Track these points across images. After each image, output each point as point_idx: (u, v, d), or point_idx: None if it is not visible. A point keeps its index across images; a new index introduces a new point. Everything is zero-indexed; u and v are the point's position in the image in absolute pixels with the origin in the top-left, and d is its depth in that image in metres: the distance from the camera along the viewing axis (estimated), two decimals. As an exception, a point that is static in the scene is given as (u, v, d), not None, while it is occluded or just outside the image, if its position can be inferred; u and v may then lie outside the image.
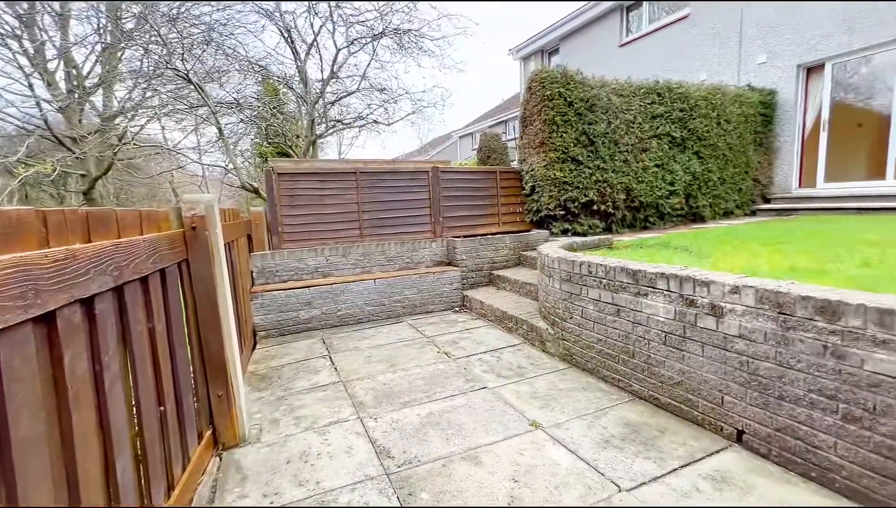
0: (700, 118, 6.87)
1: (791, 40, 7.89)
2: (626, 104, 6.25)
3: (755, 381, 2.20)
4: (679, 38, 9.94)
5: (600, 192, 6.09)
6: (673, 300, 2.60)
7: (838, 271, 2.60)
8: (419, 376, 3.47)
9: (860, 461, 1.83)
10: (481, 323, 4.87)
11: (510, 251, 5.93)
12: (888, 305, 1.72)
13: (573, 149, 5.83)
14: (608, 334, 3.12)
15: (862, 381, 1.80)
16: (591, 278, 3.23)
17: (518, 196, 6.57)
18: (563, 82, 5.73)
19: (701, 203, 7.09)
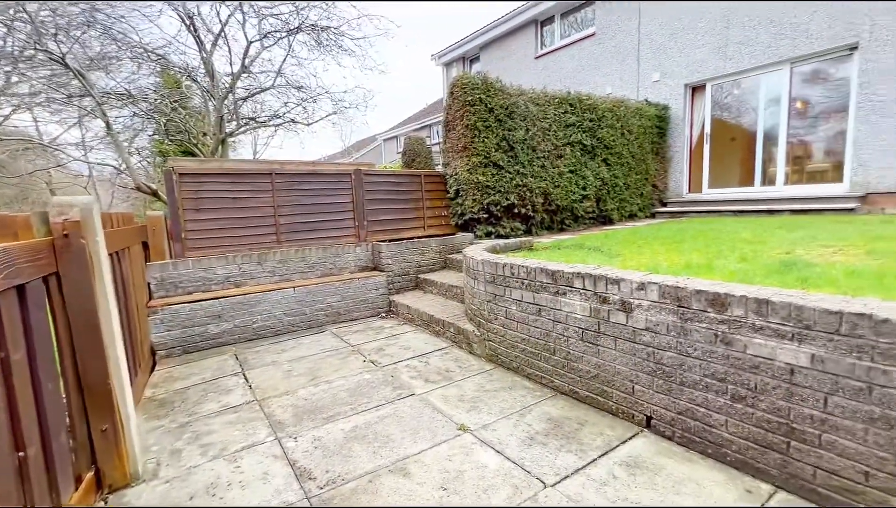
0: (607, 128, 7.46)
1: (679, 62, 8.89)
2: (543, 113, 6.58)
3: (660, 370, 2.39)
4: (588, 54, 10.74)
5: (521, 196, 6.33)
6: (588, 298, 2.74)
7: (723, 266, 2.93)
8: (344, 388, 3.30)
9: (746, 435, 2.06)
10: (409, 328, 4.80)
11: (436, 254, 5.94)
12: (764, 295, 1.95)
13: (494, 154, 6.00)
14: (531, 333, 3.22)
15: (745, 364, 2.02)
16: (513, 280, 3.32)
17: (443, 200, 6.62)
18: (484, 89, 5.88)
19: (609, 206, 7.68)
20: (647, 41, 9.40)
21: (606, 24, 10.24)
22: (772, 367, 1.93)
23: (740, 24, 7.90)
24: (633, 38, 9.66)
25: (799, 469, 1.89)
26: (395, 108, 66.71)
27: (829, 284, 2.32)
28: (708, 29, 8.36)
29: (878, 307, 1.68)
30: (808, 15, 7.07)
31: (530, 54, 12.30)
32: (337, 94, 11.26)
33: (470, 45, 13.95)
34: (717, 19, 8.20)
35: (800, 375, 1.85)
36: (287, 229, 5.31)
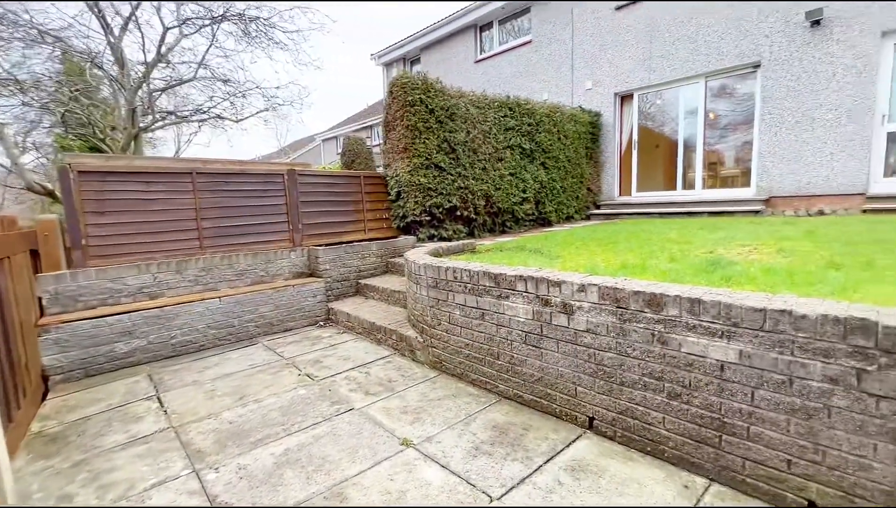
0: (544, 133, 7.66)
1: (608, 72, 9.38)
2: (483, 116, 6.61)
3: (601, 371, 2.40)
4: (525, 61, 11.03)
5: (463, 198, 6.30)
6: (531, 301, 2.72)
7: (655, 266, 3.05)
8: (275, 406, 3.03)
9: (681, 431, 2.11)
10: (348, 337, 4.56)
11: (378, 259, 5.74)
12: (696, 295, 2.01)
13: (436, 155, 5.92)
14: (474, 337, 3.15)
15: (680, 362, 2.08)
16: (456, 284, 3.23)
17: (384, 202, 6.42)
18: (424, 89, 5.78)
19: (548, 209, 7.90)
20: (580, 51, 9.83)
21: (542, 32, 10.59)
22: (704, 364, 1.99)
23: (662, 40, 8.48)
24: (567, 48, 10.07)
25: (730, 461, 1.97)
26: (335, 108, 64.90)
27: (749, 281, 2.47)
28: (634, 42, 8.89)
29: (796, 304, 1.78)
30: (720, 35, 7.74)
31: (470, 58, 12.43)
32: (269, 89, 10.61)
33: (411, 46, 13.84)
34: (642, 34, 8.75)
35: (729, 370, 1.92)
36: (212, 234, 4.86)
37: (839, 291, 2.15)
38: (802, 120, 6.98)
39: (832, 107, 6.70)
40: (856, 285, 2.21)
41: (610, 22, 9.24)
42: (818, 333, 1.67)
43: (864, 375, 1.59)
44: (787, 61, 7.05)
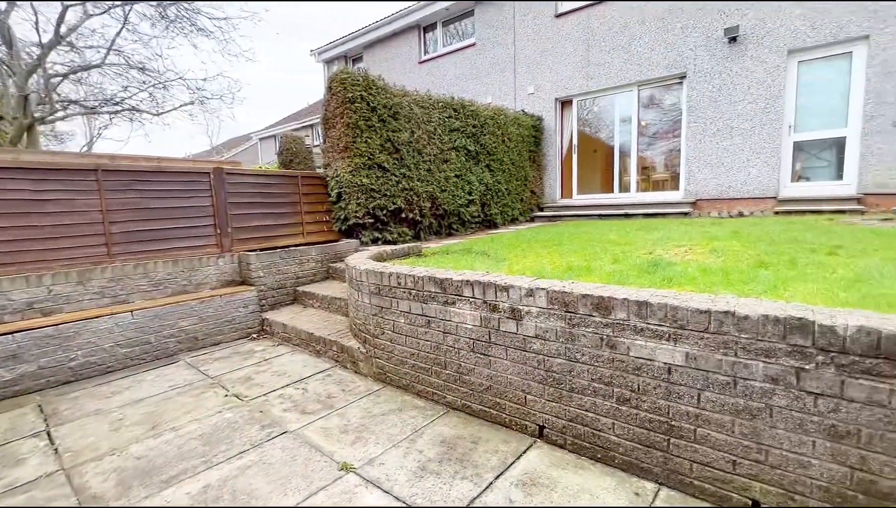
0: (489, 135, 7.67)
1: (549, 77, 9.62)
2: (427, 116, 6.47)
3: (551, 377, 2.33)
4: (469, 64, 11.06)
5: (408, 200, 6.12)
6: (478, 307, 2.60)
7: (600, 268, 3.05)
8: (195, 434, 2.67)
9: (631, 436, 2.08)
10: (285, 350, 4.22)
11: (317, 264, 5.40)
12: (643, 297, 1.98)
13: (379, 155, 5.69)
14: (420, 346, 2.98)
15: (629, 366, 2.04)
16: (400, 290, 3.05)
17: (324, 204, 6.08)
18: (365, 86, 5.54)
19: (494, 211, 7.92)
20: (522, 56, 10.01)
21: (485, 36, 10.67)
22: (652, 367, 1.96)
23: (598, 48, 8.82)
24: (510, 52, 10.21)
25: (678, 464, 1.95)
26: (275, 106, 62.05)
27: (689, 282, 2.51)
28: (573, 50, 9.19)
29: (738, 304, 1.79)
30: (650, 46, 8.18)
31: (414, 58, 12.27)
32: (194, 81, 9.77)
33: (353, 43, 13.43)
34: (580, 42, 9.06)
35: (676, 373, 1.90)
36: (123, 240, 4.30)
37: (771, 289, 2.22)
38: (723, 129, 7.53)
39: (748, 117, 7.29)
40: (784, 282, 2.30)
41: (550, 29, 9.49)
42: (760, 333, 1.68)
43: (803, 373, 1.61)
44: (710, 74, 7.58)
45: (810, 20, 6.67)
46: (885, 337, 1.46)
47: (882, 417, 1.49)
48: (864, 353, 1.49)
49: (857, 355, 1.51)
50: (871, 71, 6.33)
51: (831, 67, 6.74)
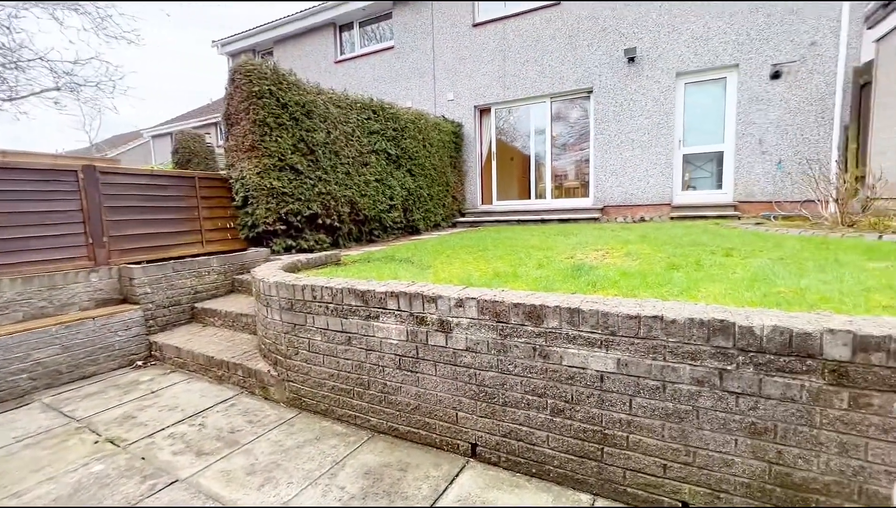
0: (410, 139, 7.52)
1: (468, 85, 9.76)
2: (345, 116, 6.13)
3: (483, 392, 2.20)
4: (388, 67, 10.84)
5: (325, 205, 5.72)
6: (404, 320, 2.39)
7: (526, 274, 3.01)
8: (49, 498, 2.11)
9: (566, 448, 2.01)
10: (178, 378, 3.62)
11: (220, 276, 4.79)
12: (575, 304, 1.92)
13: (291, 156, 5.24)
14: (341, 366, 2.70)
15: (562, 375, 1.97)
16: (316, 304, 2.73)
17: (228, 208, 5.45)
18: (275, 80, 5.07)
19: (416, 216, 7.77)
20: (441, 62, 10.04)
21: (404, 40, 10.54)
22: (585, 376, 1.92)
23: (514, 60, 9.14)
24: (429, 58, 10.19)
25: (612, 473, 1.91)
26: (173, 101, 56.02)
27: (612, 285, 2.54)
28: (490, 59, 9.41)
29: (665, 308, 1.79)
30: (560, 61, 8.65)
31: (330, 57, 11.75)
32: (61, 63, 8.28)
33: (262, 36, 12.49)
34: (496, 52, 9.31)
35: (609, 381, 1.87)
36: (-50, 253, 3.39)
37: (686, 290, 2.31)
38: (625, 141, 8.18)
39: (645, 131, 7.99)
40: (696, 284, 2.42)
41: (468, 37, 9.63)
42: (686, 336, 1.69)
43: (725, 374, 1.65)
44: (613, 90, 8.20)
45: (693, 47, 7.50)
46: (795, 335, 1.52)
47: (794, 412, 1.56)
48: (778, 351, 1.55)
49: (772, 353, 1.56)
50: (741, 95, 7.28)
51: (710, 90, 7.65)
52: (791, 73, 6.88)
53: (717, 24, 7.30)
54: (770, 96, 7.05)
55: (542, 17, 8.77)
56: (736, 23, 7.17)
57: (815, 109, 6.80)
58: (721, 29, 7.28)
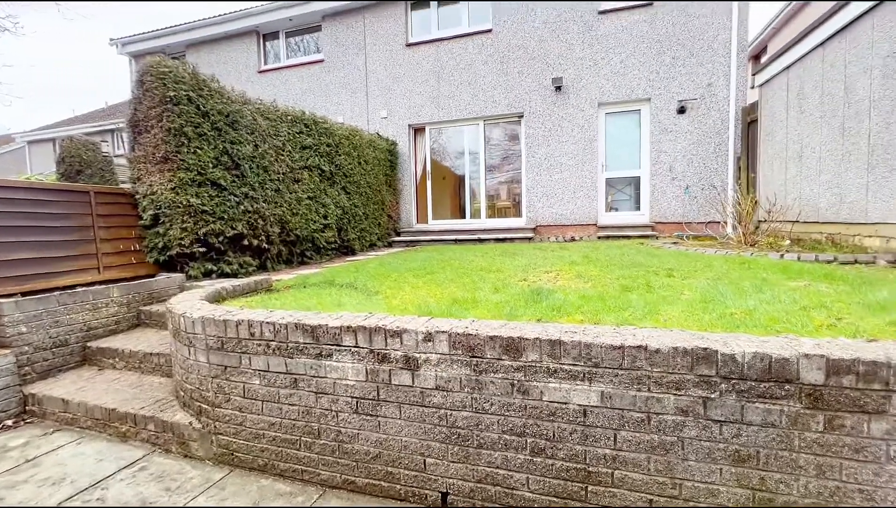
0: (345, 155, 7.20)
1: (403, 104, 9.68)
2: (275, 129, 5.68)
3: (455, 434, 2.00)
4: (318, 80, 10.42)
5: (252, 224, 5.19)
6: (363, 358, 2.13)
7: (486, 299, 2.90)
8: None
9: (547, 490, 1.88)
10: (66, 438, 2.94)
11: (122, 308, 4.07)
12: (556, 336, 1.82)
13: (213, 171, 4.69)
14: (284, 413, 2.34)
15: (543, 412, 1.85)
16: (254, 343, 2.36)
17: (133, 228, 4.70)
18: (195, 86, 4.54)
19: (351, 236, 7.40)
20: (375, 79, 9.88)
21: (335, 54, 10.22)
22: (567, 411, 1.81)
23: (448, 81, 9.26)
24: (362, 74, 9.98)
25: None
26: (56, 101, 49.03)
27: (576, 310, 2.51)
28: (424, 79, 9.44)
29: (646, 337, 1.76)
30: (492, 85, 8.93)
31: (252, 66, 11.02)
32: None
33: (173, 38, 11.39)
34: (431, 73, 9.38)
35: (592, 415, 1.78)
36: None
37: (648, 314, 2.34)
38: (555, 164, 8.60)
39: (572, 155, 8.47)
40: (655, 306, 2.46)
41: (402, 56, 9.60)
42: (670, 366, 1.66)
43: (709, 402, 1.63)
44: (542, 115, 8.61)
45: (612, 80, 8.16)
46: (774, 361, 1.55)
47: (775, 437, 1.58)
48: (759, 378, 1.57)
49: (753, 380, 1.58)
50: (653, 126, 8.03)
51: (628, 120, 8.35)
52: (694, 108, 7.74)
53: (631, 61, 8.02)
54: (677, 128, 7.85)
55: (474, 43, 9.01)
56: (647, 61, 7.93)
57: (713, 141, 7.69)
58: (635, 66, 8.01)
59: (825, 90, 5.02)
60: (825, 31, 4.98)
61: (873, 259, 3.93)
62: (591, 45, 8.22)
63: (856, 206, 4.49)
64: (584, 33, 8.26)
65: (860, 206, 4.42)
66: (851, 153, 4.55)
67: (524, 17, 8.64)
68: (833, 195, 4.88)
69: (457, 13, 9.37)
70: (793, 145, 5.79)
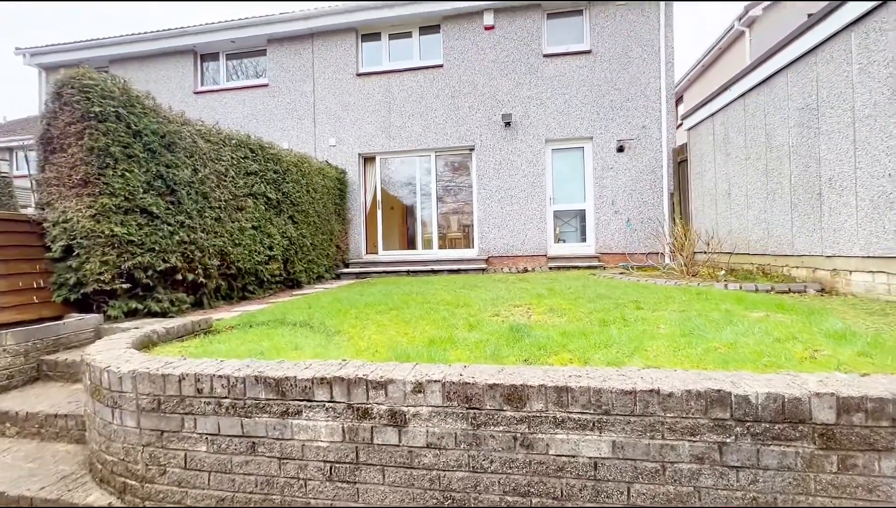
0: (293, 183, 6.81)
1: (353, 133, 9.50)
2: (217, 153, 5.23)
3: (449, 499, 1.76)
4: (262, 105, 9.97)
5: (187, 256, 4.64)
6: (339, 415, 1.84)
7: (463, 338, 2.72)
8: None
9: (556, 557, 1.68)
10: (-72, 536, 2.26)
11: (18, 359, 3.36)
12: (562, 382, 1.68)
13: (144, 196, 4.16)
14: (238, 486, 1.95)
15: (549, 468, 1.67)
16: (202, 401, 1.97)
17: (38, 261, 3.99)
18: (125, 102, 4.05)
19: (298, 268, 6.92)
20: (323, 106, 9.64)
21: (281, 79, 9.89)
22: (577, 465, 1.65)
23: (399, 112, 9.25)
24: (309, 100, 9.70)
25: (611, 579, 1.64)
26: (-65, 115, 42.61)
27: (561, 348, 2.40)
28: (375, 109, 9.37)
29: (656, 380, 1.67)
30: (444, 118, 9.05)
31: (188, 87, 10.34)
32: None
33: (94, 52, 10.42)
34: (382, 103, 9.33)
35: (604, 468, 1.64)
36: None
37: (636, 351, 2.29)
38: (505, 196, 8.77)
39: (522, 188, 8.70)
40: (639, 342, 2.42)
41: (352, 85, 9.49)
42: (684, 410, 1.58)
43: (725, 448, 1.56)
44: (493, 149, 8.83)
45: (558, 119, 8.60)
46: (787, 401, 1.51)
47: (792, 481, 1.52)
48: (773, 419, 1.52)
49: (767, 422, 1.53)
50: (596, 163, 8.51)
51: (573, 157, 8.78)
52: (631, 148, 8.32)
53: (574, 102, 8.53)
54: (618, 165, 8.38)
55: (426, 77, 9.14)
56: (589, 103, 8.48)
57: (650, 178, 8.28)
58: (578, 107, 8.52)
59: (748, 136, 5.59)
60: (745, 84, 5.59)
61: (804, 288, 4.29)
62: (537, 85, 8.65)
63: (782, 239, 4.94)
64: (531, 74, 8.69)
65: (786, 239, 4.86)
66: (776, 192, 5.04)
67: (475, 55, 8.95)
68: (761, 230, 5.35)
69: (408, 46, 9.51)
70: (721, 184, 6.35)
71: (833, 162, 4.13)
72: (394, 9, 9.01)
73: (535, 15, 8.73)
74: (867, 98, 3.71)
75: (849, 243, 3.94)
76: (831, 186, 4.16)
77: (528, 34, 8.74)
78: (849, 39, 3.90)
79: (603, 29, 8.46)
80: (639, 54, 8.30)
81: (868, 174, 3.71)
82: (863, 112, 3.75)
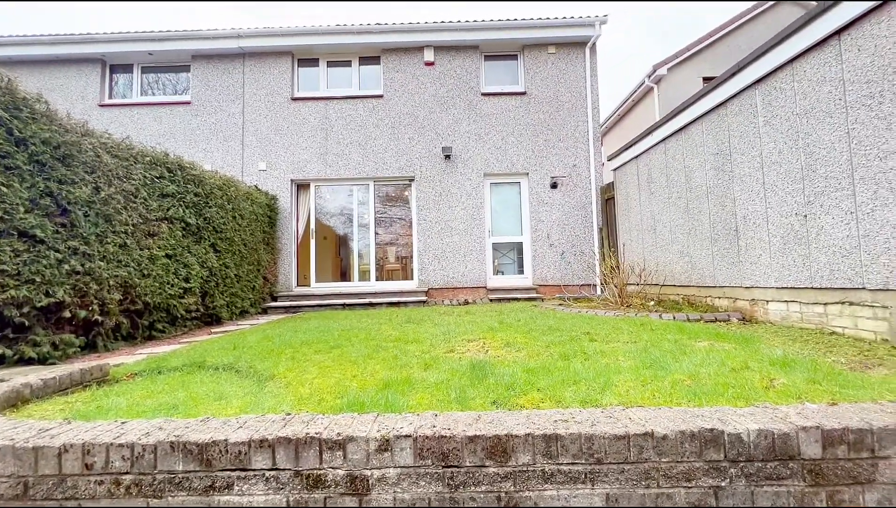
0: (216, 208, 6.17)
1: (285, 158, 9.00)
2: (126, 170, 4.57)
3: (421, 581, 1.46)
4: (182, 123, 9.13)
5: (79, 289, 3.88)
6: (284, 485, 1.49)
7: (422, 379, 2.46)
8: None
9: None
10: None
11: None
12: (550, 430, 1.50)
13: (25, 217, 3.43)
14: (138, 592, 1.48)
15: (538, 532, 1.46)
16: (93, 481, 1.50)
17: None
18: (9, 104, 3.38)
19: (219, 302, 6.18)
20: (253, 128, 9.07)
21: (205, 98, 9.19)
22: (568, 526, 1.45)
23: (337, 140, 8.97)
24: (238, 122, 9.08)
25: None
26: None
27: (530, 387, 2.24)
28: (311, 134, 9.00)
29: (647, 421, 1.55)
30: (384, 148, 8.92)
31: (92, 98, 9.21)
32: None
33: (-29, 53, 8.96)
34: (318, 129, 9.00)
35: (598, 527, 1.46)
36: None
37: (606, 387, 2.19)
38: (445, 228, 8.73)
39: (462, 220, 8.73)
40: (606, 377, 2.34)
41: (286, 109, 9.07)
42: (679, 453, 1.46)
43: (720, 492, 1.46)
44: (433, 180, 8.82)
45: (496, 154, 8.86)
46: (777, 437, 1.46)
47: (786, 523, 1.45)
48: (765, 457, 1.46)
49: (760, 460, 1.46)
50: (532, 198, 8.82)
51: (510, 191, 9.04)
52: (564, 184, 8.77)
53: (511, 139, 8.87)
54: (552, 201, 8.75)
55: (365, 105, 9.02)
56: (524, 141, 8.86)
57: (581, 214, 8.73)
58: (514, 144, 8.87)
59: (670, 177, 6.10)
60: (665, 131, 6.15)
61: (728, 317, 4.61)
62: (476, 120, 8.90)
63: (705, 272, 5.34)
64: (470, 110, 8.94)
65: (709, 272, 5.27)
66: (696, 229, 5.49)
67: (415, 88, 9.03)
68: (685, 263, 5.77)
69: (347, 75, 9.37)
70: (647, 220, 6.84)
71: (746, 201, 4.58)
72: (332, 37, 8.89)
73: (473, 55, 9.08)
74: (772, 146, 4.19)
75: (765, 275, 4.33)
76: (746, 223, 4.60)
77: (467, 73, 9.05)
78: (754, 96, 4.43)
79: (536, 73, 9.01)
80: (568, 99, 8.91)
81: (778, 213, 4.14)
82: (770, 158, 4.22)
